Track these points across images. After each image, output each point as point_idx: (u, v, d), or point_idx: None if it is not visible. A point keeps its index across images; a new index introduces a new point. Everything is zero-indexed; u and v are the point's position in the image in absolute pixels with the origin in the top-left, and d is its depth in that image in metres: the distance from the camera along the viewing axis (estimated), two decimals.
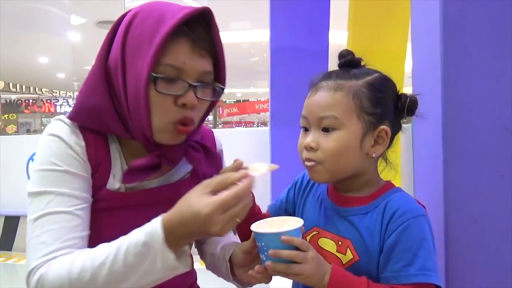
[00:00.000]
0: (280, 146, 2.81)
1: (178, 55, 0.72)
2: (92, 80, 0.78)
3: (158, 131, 0.75)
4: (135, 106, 0.73)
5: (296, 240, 0.66)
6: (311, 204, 0.83)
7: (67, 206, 0.72)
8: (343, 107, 0.71)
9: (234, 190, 0.63)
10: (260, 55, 11.16)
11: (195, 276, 0.98)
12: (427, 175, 0.96)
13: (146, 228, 0.65)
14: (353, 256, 0.72)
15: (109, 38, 0.78)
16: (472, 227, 0.84)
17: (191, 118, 0.76)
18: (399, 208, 0.70)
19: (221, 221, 0.62)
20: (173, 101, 0.74)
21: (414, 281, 0.66)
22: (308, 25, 2.77)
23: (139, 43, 0.72)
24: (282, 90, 2.77)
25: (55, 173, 0.73)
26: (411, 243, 0.67)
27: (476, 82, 0.84)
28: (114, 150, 0.81)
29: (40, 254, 0.68)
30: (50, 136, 0.76)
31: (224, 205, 0.62)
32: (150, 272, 0.64)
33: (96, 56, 0.78)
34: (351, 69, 0.75)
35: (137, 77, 0.72)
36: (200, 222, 0.62)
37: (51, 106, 15.75)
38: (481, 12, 0.84)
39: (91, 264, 0.65)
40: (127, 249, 0.64)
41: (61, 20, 8.23)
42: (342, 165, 0.73)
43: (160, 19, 0.72)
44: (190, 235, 0.65)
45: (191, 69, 0.74)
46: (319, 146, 0.72)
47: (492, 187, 0.84)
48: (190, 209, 0.63)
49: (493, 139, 0.84)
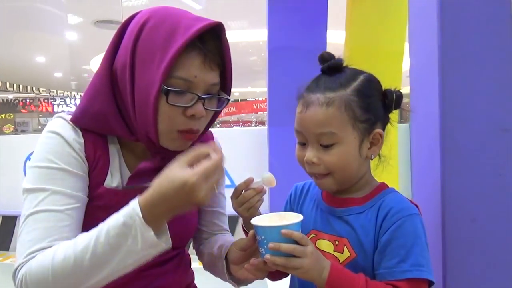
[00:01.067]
0: (278, 145, 2.82)
1: (190, 68, 0.73)
2: (98, 83, 0.78)
3: (164, 137, 0.76)
4: (143, 113, 0.74)
5: (296, 234, 0.67)
6: (307, 209, 0.84)
7: (59, 205, 0.72)
8: (338, 122, 0.72)
9: (213, 159, 0.65)
10: (258, 55, 11.17)
11: (193, 276, 0.99)
12: (424, 175, 0.96)
13: (124, 210, 0.66)
14: (350, 254, 0.73)
15: (115, 40, 0.78)
16: (469, 227, 0.84)
17: (197, 129, 0.78)
18: (393, 207, 0.72)
19: (205, 188, 0.64)
20: (181, 112, 0.74)
21: (408, 276, 0.67)
22: (306, 24, 2.77)
23: (151, 52, 0.72)
24: (280, 90, 2.77)
25: (51, 171, 0.74)
26: (405, 240, 0.69)
27: (473, 82, 0.84)
28: (113, 148, 0.81)
29: (27, 252, 0.68)
30: (49, 133, 0.77)
31: (206, 172, 0.64)
32: (132, 252, 0.64)
33: (102, 57, 0.78)
34: (335, 73, 0.75)
35: (147, 86, 0.72)
36: (186, 192, 0.63)
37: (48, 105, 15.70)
38: (478, 12, 0.84)
39: (73, 251, 0.65)
40: (107, 232, 0.64)
41: (58, 19, 8.22)
42: (348, 175, 0.75)
43: (174, 29, 0.72)
44: (171, 210, 0.65)
45: (201, 81, 0.74)
46: (321, 161, 0.74)
47: (489, 187, 0.84)
48: (172, 183, 0.63)
49: (491, 138, 0.84)
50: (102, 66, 0.78)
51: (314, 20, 2.79)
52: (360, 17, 2.73)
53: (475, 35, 0.84)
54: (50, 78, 14.15)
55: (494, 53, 0.84)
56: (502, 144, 0.84)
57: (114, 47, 0.77)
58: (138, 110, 0.75)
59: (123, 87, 0.76)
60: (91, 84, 0.79)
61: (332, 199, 0.80)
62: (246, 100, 18.02)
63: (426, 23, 0.91)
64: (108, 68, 0.77)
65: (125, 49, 0.75)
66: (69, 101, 15.35)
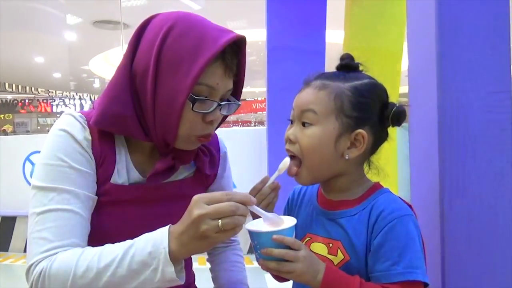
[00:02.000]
0: (277, 145, 2.81)
1: (213, 77, 0.76)
2: (116, 86, 0.78)
3: (181, 141, 0.80)
4: (165, 118, 0.76)
5: (287, 239, 0.67)
6: (304, 213, 0.84)
7: (69, 204, 0.74)
8: (323, 105, 0.74)
9: (230, 203, 0.65)
10: (257, 55, 11.16)
11: (193, 277, 0.99)
12: (423, 175, 0.96)
13: (154, 237, 0.68)
14: (343, 257, 0.73)
15: (133, 43, 0.79)
16: (467, 226, 0.84)
17: (213, 133, 0.83)
18: (384, 208, 0.71)
19: (211, 224, 0.64)
20: (201, 117, 0.78)
21: (402, 279, 0.67)
22: (304, 24, 2.77)
23: (178, 59, 0.74)
24: (279, 89, 2.77)
25: (60, 169, 0.75)
26: (398, 242, 0.68)
27: (471, 82, 0.85)
28: (119, 145, 0.83)
29: (41, 250, 0.71)
30: (58, 131, 0.78)
31: (217, 210, 0.64)
32: (149, 281, 0.67)
33: (121, 60, 0.80)
34: (347, 72, 0.77)
35: (173, 94, 0.74)
36: (192, 222, 0.65)
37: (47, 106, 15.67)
38: (476, 12, 0.84)
39: (96, 264, 0.68)
40: (133, 256, 0.67)
41: (57, 19, 8.21)
42: (317, 163, 0.75)
43: (201, 40, 0.74)
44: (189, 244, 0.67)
45: (221, 89, 0.78)
46: (297, 139, 0.75)
47: (487, 186, 0.84)
48: (188, 215, 0.66)
49: (488, 138, 0.84)
50: (120, 66, 0.79)
51: (313, 20, 2.79)
52: (358, 17, 2.73)
53: (473, 35, 0.85)
54: (49, 79, 14.12)
55: (492, 53, 0.84)
56: (500, 144, 0.84)
57: (132, 50, 0.78)
58: (159, 115, 0.77)
59: (143, 91, 0.77)
60: (110, 86, 0.80)
61: (326, 202, 0.80)
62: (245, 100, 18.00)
63: (425, 23, 0.91)
64: (127, 68, 0.78)
65: (147, 53, 0.76)
66: (68, 101, 15.33)
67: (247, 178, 3.19)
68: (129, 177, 0.83)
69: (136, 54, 0.78)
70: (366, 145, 0.75)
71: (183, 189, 0.88)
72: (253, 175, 0.84)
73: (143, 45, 0.77)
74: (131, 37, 0.80)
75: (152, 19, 0.80)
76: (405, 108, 0.76)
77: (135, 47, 0.78)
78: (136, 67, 0.77)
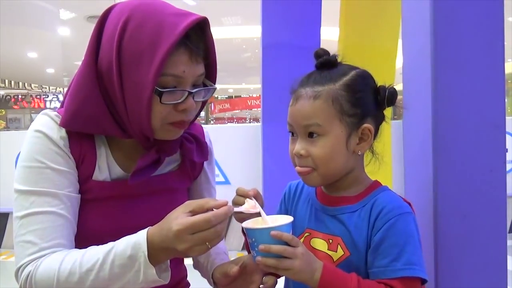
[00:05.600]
0: (271, 142, 2.81)
1: (178, 65, 0.73)
2: (83, 84, 0.76)
3: (158, 131, 0.78)
4: (135, 112, 0.75)
5: (286, 235, 0.67)
6: (302, 208, 0.84)
7: (51, 206, 0.73)
8: (324, 114, 0.73)
9: (207, 215, 0.66)
10: (252, 51, 11.14)
11: (185, 272, 0.99)
12: (417, 171, 0.97)
13: (133, 240, 0.68)
14: (344, 252, 0.73)
15: (95, 35, 0.76)
16: (461, 222, 0.85)
17: (189, 119, 0.80)
18: (385, 206, 0.72)
19: (189, 240, 0.65)
20: (173, 107, 0.76)
21: (400, 275, 0.68)
22: (299, 21, 2.77)
23: (137, 52, 0.72)
24: (274, 86, 2.76)
25: (39, 170, 0.75)
26: (398, 239, 0.69)
27: (465, 79, 0.85)
28: (99, 142, 0.82)
29: (27, 253, 0.71)
30: (34, 132, 0.77)
31: (193, 226, 0.65)
32: (133, 283, 0.68)
33: (84, 56, 0.77)
34: (328, 69, 0.76)
35: (138, 87, 0.72)
36: (171, 238, 0.65)
37: (40, 101, 15.56)
38: (471, 10, 0.85)
39: (79, 269, 0.68)
40: (113, 260, 0.68)
41: (50, 14, 8.12)
42: (333, 168, 0.75)
43: (159, 28, 0.72)
44: (167, 251, 0.68)
45: (189, 76, 0.75)
46: (309, 153, 0.74)
47: (481, 183, 0.85)
48: (167, 225, 0.67)
49: (483, 135, 0.85)
50: (85, 64, 0.76)
51: (308, 16, 2.79)
52: (353, 15, 2.73)
53: (467, 33, 0.85)
54: (43, 74, 14.00)
55: (486, 50, 0.85)
56: (493, 140, 0.84)
57: (95, 43, 0.76)
58: (130, 109, 0.75)
59: (111, 86, 0.75)
60: (77, 84, 0.77)
61: (326, 198, 0.80)
62: (240, 97, 17.99)
63: (419, 21, 0.91)
64: (92, 66, 0.76)
65: (109, 47, 0.74)
66: (62, 97, 15.22)
67: (242, 175, 3.19)
68: (111, 174, 0.82)
69: (99, 51, 0.76)
70: (372, 135, 0.76)
71: (168, 183, 0.87)
72: (248, 171, 0.83)
73: (104, 41, 0.75)
74: (92, 33, 0.77)
75: (109, 11, 0.77)
76: (394, 87, 0.77)
77: (97, 43, 0.76)
78: (101, 64, 0.75)
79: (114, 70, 0.73)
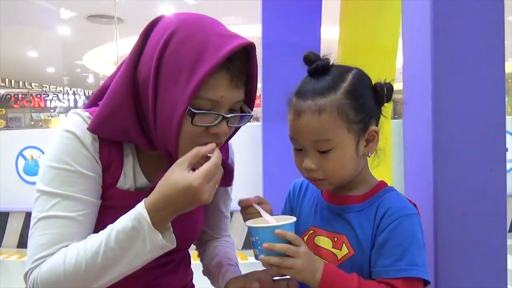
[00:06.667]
0: (272, 141, 2.82)
1: (216, 89, 0.71)
2: (120, 92, 0.74)
3: (183, 151, 0.74)
4: (165, 129, 0.73)
5: (289, 234, 0.68)
6: (307, 206, 0.84)
7: (71, 211, 0.72)
8: (333, 128, 0.71)
9: (213, 160, 0.68)
10: None
11: (192, 275, 0.99)
12: (417, 170, 0.97)
13: (131, 214, 0.68)
14: (348, 251, 0.74)
15: (138, 44, 0.75)
16: (460, 221, 0.85)
17: (220, 143, 0.76)
18: (391, 206, 0.72)
19: (208, 189, 0.67)
20: (204, 129, 0.73)
21: (403, 275, 0.68)
22: (300, 20, 2.76)
23: (177, 69, 0.70)
24: (274, 85, 2.76)
25: (66, 173, 0.73)
26: (402, 240, 0.69)
27: (465, 78, 0.85)
28: (127, 150, 0.81)
29: (38, 256, 0.71)
30: (65, 132, 0.75)
31: (208, 174, 0.67)
32: (140, 253, 0.68)
33: (125, 62, 0.76)
34: (323, 75, 0.74)
35: (172, 105, 0.70)
36: (191, 195, 0.66)
37: (41, 101, 15.54)
38: (471, 9, 0.85)
39: (84, 256, 0.68)
40: (117, 236, 0.67)
41: (50, 13, 8.12)
42: (345, 175, 0.76)
43: (203, 47, 0.69)
44: (176, 211, 0.69)
45: (226, 101, 0.73)
46: (320, 166, 0.74)
47: (481, 182, 0.85)
48: (175, 187, 0.67)
49: (483, 134, 0.85)
50: (124, 73, 0.74)
51: (309, 15, 2.78)
52: (354, 14, 2.73)
53: (467, 32, 0.85)
54: (43, 73, 14.00)
55: (486, 49, 0.85)
56: (493, 140, 0.85)
57: (137, 53, 0.74)
58: (160, 126, 0.73)
59: (145, 98, 0.74)
60: (113, 90, 0.76)
61: (332, 197, 0.80)
62: None
63: (420, 20, 0.91)
64: (131, 74, 0.74)
65: (149, 59, 0.72)
66: (62, 96, 15.21)
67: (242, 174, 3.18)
68: (136, 183, 0.81)
69: (140, 61, 0.74)
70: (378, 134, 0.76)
71: None
72: (248, 171, 0.83)
73: (146, 52, 0.73)
74: (136, 42, 0.75)
75: (157, 21, 0.75)
76: (390, 82, 0.77)
77: (140, 52, 0.75)
78: (139, 74, 0.74)
79: (150, 83, 0.71)
